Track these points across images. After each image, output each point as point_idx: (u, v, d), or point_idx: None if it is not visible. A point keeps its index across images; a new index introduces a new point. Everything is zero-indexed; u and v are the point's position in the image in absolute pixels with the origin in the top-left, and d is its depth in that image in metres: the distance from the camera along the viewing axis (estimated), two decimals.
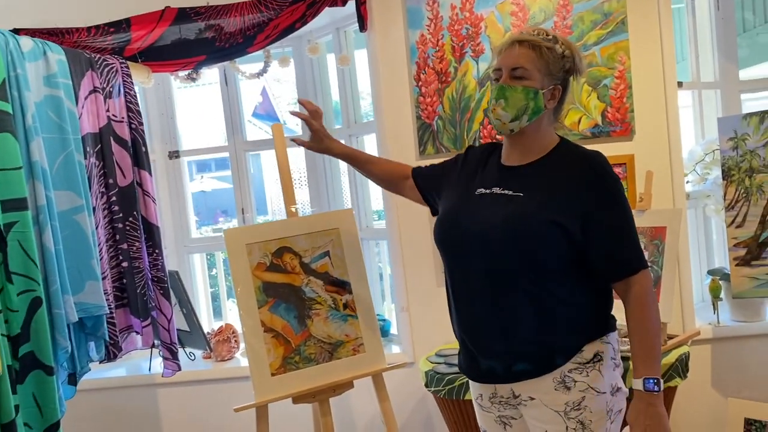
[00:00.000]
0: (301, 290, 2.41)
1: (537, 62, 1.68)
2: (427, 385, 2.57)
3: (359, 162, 2.20)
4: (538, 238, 1.63)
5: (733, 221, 2.65)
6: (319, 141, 2.17)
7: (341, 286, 2.46)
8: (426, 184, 2.04)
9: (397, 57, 2.89)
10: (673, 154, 2.81)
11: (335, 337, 2.41)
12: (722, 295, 2.89)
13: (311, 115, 2.14)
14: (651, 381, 1.61)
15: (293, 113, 2.22)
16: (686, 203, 2.86)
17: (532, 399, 1.70)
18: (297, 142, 2.26)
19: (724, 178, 2.68)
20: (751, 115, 2.64)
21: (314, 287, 2.43)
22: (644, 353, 1.64)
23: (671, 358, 2.41)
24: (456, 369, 2.50)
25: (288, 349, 2.36)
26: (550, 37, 1.70)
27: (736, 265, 2.62)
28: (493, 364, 1.73)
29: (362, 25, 2.87)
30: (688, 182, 2.97)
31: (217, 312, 4.03)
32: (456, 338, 1.86)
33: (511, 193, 1.69)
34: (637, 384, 1.63)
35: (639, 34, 2.77)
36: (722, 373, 2.89)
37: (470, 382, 1.87)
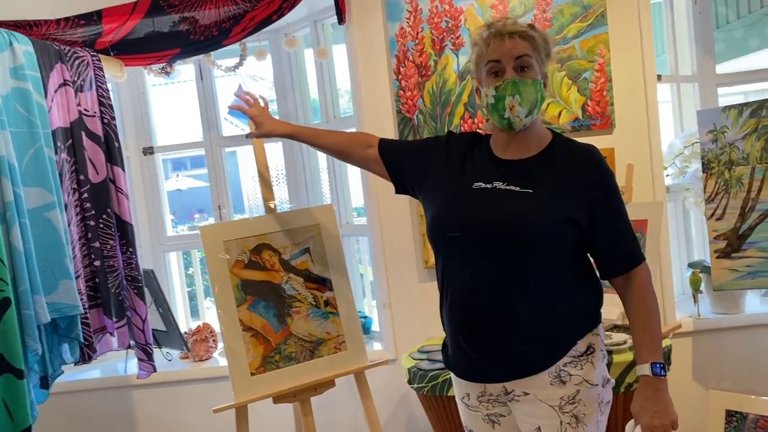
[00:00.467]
0: (281, 288, 2.36)
1: (533, 52, 1.64)
2: (410, 383, 2.53)
3: (307, 138, 2.11)
4: (553, 235, 1.60)
5: (713, 214, 2.65)
6: (259, 126, 2.12)
7: (322, 283, 2.42)
8: (397, 161, 1.93)
9: (377, 50, 2.85)
10: (653, 148, 2.81)
11: (316, 335, 2.37)
12: (702, 287, 2.90)
13: (247, 104, 2.13)
14: (658, 365, 1.60)
15: (231, 107, 2.19)
16: (666, 196, 2.87)
17: (526, 394, 1.67)
18: (247, 136, 2.22)
19: (703, 171, 2.68)
20: (729, 107, 2.65)
21: (294, 284, 2.39)
22: (650, 340, 1.63)
23: None
24: (439, 365, 2.47)
25: (268, 348, 2.31)
26: (526, 25, 1.66)
27: (717, 257, 2.63)
28: (491, 363, 1.68)
29: (340, 18, 2.82)
30: (667, 175, 2.97)
31: (194, 311, 3.97)
32: (446, 335, 1.81)
33: (518, 189, 1.64)
34: (644, 369, 1.61)
35: (619, 26, 2.76)
36: (703, 365, 2.90)
37: (456, 380, 1.82)
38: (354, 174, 3.35)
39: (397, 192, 1.98)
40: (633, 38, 2.77)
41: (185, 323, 3.45)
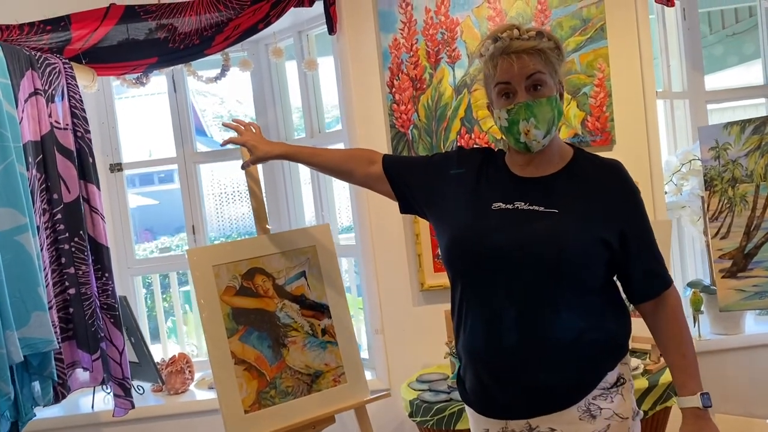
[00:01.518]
0: (276, 316, 2.18)
1: (545, 66, 1.52)
2: (412, 415, 2.37)
3: (305, 157, 1.96)
4: (585, 256, 1.49)
5: (717, 232, 2.58)
6: (253, 150, 1.96)
7: (319, 309, 2.24)
8: (403, 178, 1.79)
9: (369, 62, 2.70)
10: (653, 165, 2.75)
11: (314, 367, 2.19)
12: (702, 307, 2.83)
13: (237, 131, 2.00)
14: (706, 396, 1.53)
15: (224, 142, 2.05)
16: (666, 214, 2.80)
17: (552, 430, 1.54)
18: (243, 167, 2.07)
19: (706, 188, 2.62)
20: (731, 124, 2.59)
21: (289, 312, 2.20)
22: (693, 367, 1.54)
23: (669, 377, 2.30)
24: (444, 396, 2.32)
25: (262, 382, 2.12)
26: (535, 33, 1.53)
27: (722, 277, 2.56)
28: (516, 398, 1.55)
29: (331, 28, 2.67)
30: (665, 193, 2.90)
31: (154, 336, 3.74)
32: (463, 367, 1.66)
33: (542, 209, 1.52)
34: (693, 401, 1.52)
35: (618, 40, 2.69)
36: (706, 387, 2.82)
37: (473, 416, 1.68)
38: (339, 190, 3.19)
39: (402, 212, 1.84)
40: (632, 53, 2.71)
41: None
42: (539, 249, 1.49)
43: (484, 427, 1.64)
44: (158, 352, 3.33)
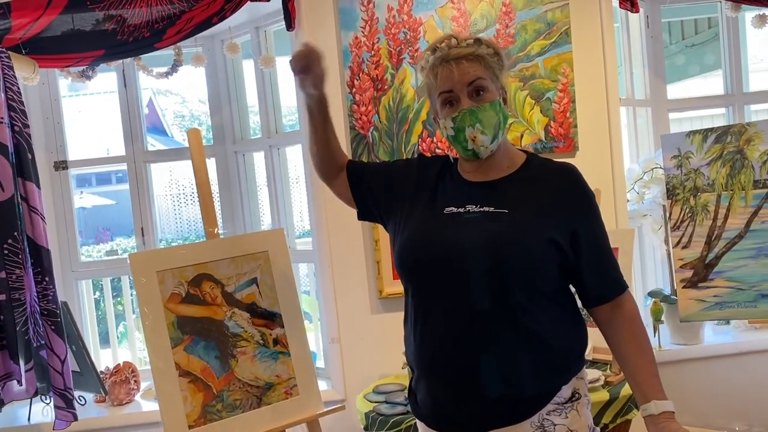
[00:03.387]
0: (224, 325, 2.06)
1: (485, 71, 1.50)
2: (367, 428, 2.28)
3: (326, 127, 1.70)
4: (536, 257, 1.45)
5: (678, 242, 2.55)
6: (318, 86, 1.66)
7: (271, 318, 2.13)
8: (365, 182, 1.72)
9: (328, 60, 2.48)
10: (615, 173, 2.72)
11: (264, 379, 2.08)
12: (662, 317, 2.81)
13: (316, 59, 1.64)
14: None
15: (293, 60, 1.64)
16: (628, 222, 2.77)
17: None
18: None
19: (668, 197, 2.59)
20: (694, 132, 2.57)
21: (239, 321, 2.09)
22: (657, 371, 1.49)
23: (629, 389, 2.25)
24: (401, 409, 2.24)
25: (208, 395, 2.00)
26: (473, 41, 1.51)
27: (684, 287, 2.53)
28: (469, 409, 1.50)
29: (289, 23, 2.57)
30: (627, 201, 2.87)
31: (105, 341, 3.59)
32: (413, 378, 1.60)
33: (492, 210, 1.49)
34: (667, 405, 1.45)
35: (582, 45, 2.66)
36: None
37: (425, 430, 1.60)
38: (297, 193, 3.09)
39: (360, 218, 1.78)
40: (596, 59, 2.68)
41: (96, 358, 3.04)
42: (489, 249, 1.45)
43: None
44: (108, 359, 3.19)
